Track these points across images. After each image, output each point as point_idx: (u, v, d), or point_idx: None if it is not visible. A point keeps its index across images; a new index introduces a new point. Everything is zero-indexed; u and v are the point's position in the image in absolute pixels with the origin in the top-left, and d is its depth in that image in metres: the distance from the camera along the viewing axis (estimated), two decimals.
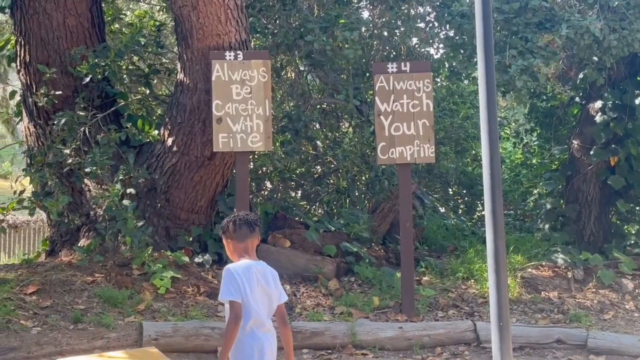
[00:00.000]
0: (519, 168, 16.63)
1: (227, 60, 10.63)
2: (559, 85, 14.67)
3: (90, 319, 9.95)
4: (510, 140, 17.78)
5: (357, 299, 10.98)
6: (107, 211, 11.44)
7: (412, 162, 10.90)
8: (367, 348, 9.80)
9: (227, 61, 10.61)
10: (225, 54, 10.76)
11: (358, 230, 12.40)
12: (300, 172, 13.94)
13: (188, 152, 11.81)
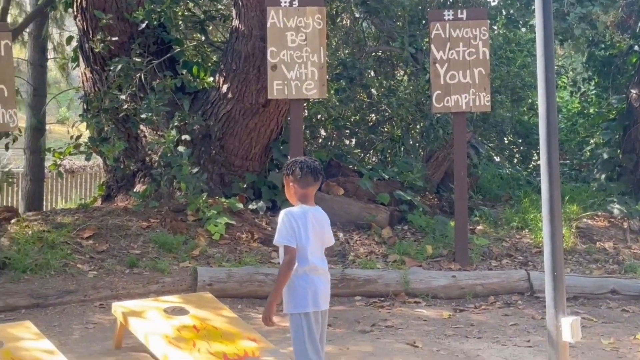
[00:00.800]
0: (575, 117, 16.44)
1: (282, 7, 10.56)
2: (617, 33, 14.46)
3: (145, 263, 10.05)
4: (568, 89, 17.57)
5: (410, 247, 10.97)
6: (162, 157, 11.50)
7: (467, 110, 10.82)
8: (419, 296, 9.80)
9: (282, 8, 10.55)
10: (280, 0, 10.70)
11: (412, 178, 12.36)
12: (355, 120, 13.89)
13: (243, 99, 11.81)
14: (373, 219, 11.60)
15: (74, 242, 10.50)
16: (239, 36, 11.79)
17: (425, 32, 13.12)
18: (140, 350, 7.77)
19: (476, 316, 9.32)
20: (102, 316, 8.90)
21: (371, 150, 13.93)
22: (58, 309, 9.11)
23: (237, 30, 11.85)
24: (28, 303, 9.11)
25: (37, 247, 10.15)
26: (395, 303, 9.64)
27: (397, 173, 12.60)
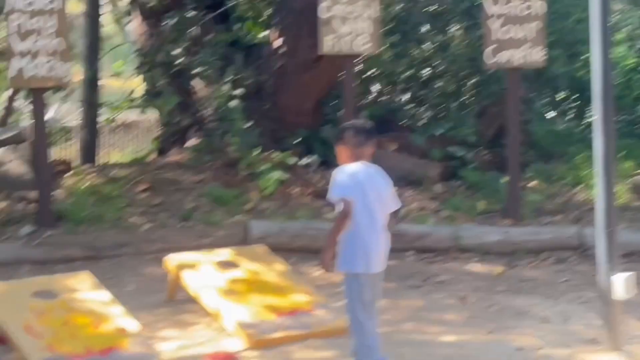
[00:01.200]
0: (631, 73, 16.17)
1: None
2: None
3: (198, 217, 10.11)
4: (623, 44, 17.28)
5: (462, 203, 10.93)
6: (215, 112, 11.53)
7: (521, 66, 10.70)
8: (471, 252, 9.78)
9: None
10: None
11: (464, 134, 12.29)
12: (408, 75, 13.79)
13: (296, 54, 11.79)
14: (425, 175, 11.56)
15: (128, 196, 10.60)
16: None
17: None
18: (192, 303, 7.84)
19: (528, 272, 9.29)
20: (156, 269, 8.99)
21: (424, 105, 13.83)
22: (112, 261, 9.22)
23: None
24: (84, 255, 9.23)
25: (92, 200, 10.26)
26: (446, 258, 9.63)
27: (449, 129, 12.52)
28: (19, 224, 9.69)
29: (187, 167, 11.45)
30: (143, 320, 7.44)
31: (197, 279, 7.70)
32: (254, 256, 8.24)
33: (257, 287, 7.65)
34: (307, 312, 7.40)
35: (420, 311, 7.91)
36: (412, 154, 11.90)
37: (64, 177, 11.18)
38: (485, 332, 7.35)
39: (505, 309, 8.06)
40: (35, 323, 6.61)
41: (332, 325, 7.23)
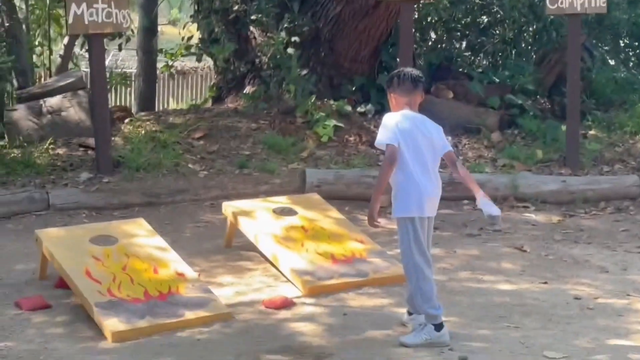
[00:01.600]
0: None
1: None
2: None
3: (254, 164, 10.14)
4: None
5: (520, 151, 10.85)
6: (271, 59, 11.53)
7: (582, 12, 10.52)
8: (528, 201, 9.73)
9: None
10: None
11: (523, 82, 12.16)
12: (466, 22, 13.65)
13: (353, 0, 11.70)
14: (482, 123, 11.49)
15: (185, 143, 10.65)
16: None
17: None
18: (249, 250, 7.90)
19: (586, 221, 9.23)
20: (213, 215, 9.06)
21: (482, 53, 13.69)
22: (170, 207, 9.30)
23: None
24: (141, 201, 9.32)
25: (150, 146, 10.33)
26: (503, 207, 9.56)
27: (508, 76, 12.40)
28: (78, 171, 9.79)
29: (243, 115, 11.48)
30: (200, 266, 7.53)
31: (253, 226, 7.74)
32: (310, 204, 8.26)
33: (313, 234, 7.67)
34: (363, 259, 7.42)
35: (476, 260, 7.90)
36: (469, 102, 11.82)
37: (122, 124, 11.26)
38: (542, 281, 7.33)
39: (563, 257, 8.02)
40: (94, 268, 6.69)
41: (388, 272, 7.25)
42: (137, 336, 6.08)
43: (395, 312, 6.53)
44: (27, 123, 10.61)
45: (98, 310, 6.25)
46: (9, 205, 8.89)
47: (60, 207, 9.05)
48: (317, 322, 6.38)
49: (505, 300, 6.83)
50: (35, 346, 5.97)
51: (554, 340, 5.93)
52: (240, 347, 5.88)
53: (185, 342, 6.00)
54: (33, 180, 9.52)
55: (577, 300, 6.84)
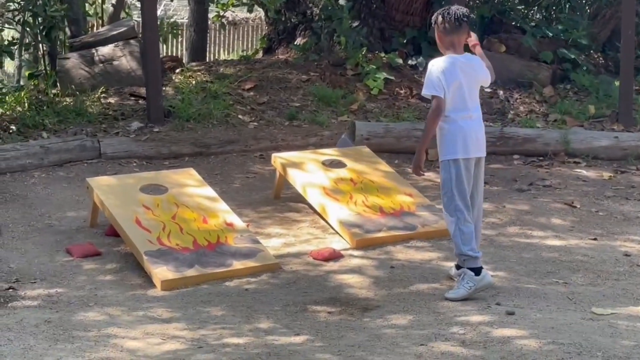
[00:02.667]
0: None
1: None
2: None
3: (304, 116, 10.14)
4: None
5: (572, 106, 10.75)
6: (323, 10, 11.48)
7: None
8: (579, 156, 9.65)
9: None
10: None
11: (577, 36, 12.00)
12: None
13: None
14: (535, 77, 11.37)
15: (236, 93, 10.67)
16: None
17: None
18: (297, 201, 7.93)
19: (638, 178, 9.14)
20: (262, 166, 9.08)
21: (535, 6, 13.50)
22: (220, 158, 9.33)
23: None
24: (191, 151, 9.36)
25: (200, 97, 10.36)
26: (554, 163, 9.52)
27: (561, 30, 12.24)
28: (129, 120, 9.84)
29: (293, 66, 11.46)
30: (249, 217, 7.57)
31: (302, 177, 7.75)
32: (359, 156, 8.25)
33: (362, 187, 7.68)
34: (411, 213, 7.41)
35: (526, 215, 7.86)
36: (522, 55, 11.69)
37: (173, 74, 11.29)
38: (592, 238, 7.29)
39: (613, 214, 7.96)
40: (144, 217, 6.76)
41: (436, 226, 7.24)
42: (185, 285, 6.15)
43: (442, 266, 6.54)
44: (79, 71, 10.66)
45: (148, 258, 6.31)
46: (60, 153, 8.97)
47: (111, 155, 9.11)
48: (364, 274, 6.40)
49: (553, 255, 6.81)
50: (86, 292, 6.05)
51: (602, 297, 5.90)
52: (287, 297, 5.92)
53: (233, 292, 6.05)
54: (85, 128, 9.59)
55: (626, 257, 6.81)
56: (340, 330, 5.26)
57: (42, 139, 9.24)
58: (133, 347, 4.93)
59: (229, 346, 4.93)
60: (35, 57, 12.26)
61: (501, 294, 5.91)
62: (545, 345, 4.86)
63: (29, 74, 11.58)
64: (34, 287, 6.16)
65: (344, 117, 10.19)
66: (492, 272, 6.33)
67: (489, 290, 5.94)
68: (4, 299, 5.91)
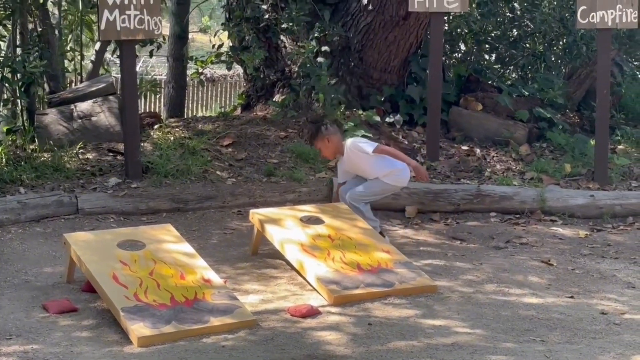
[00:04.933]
0: None
1: None
2: None
3: (282, 172, 10.16)
4: None
5: (548, 165, 10.82)
6: (301, 68, 11.54)
7: (613, 27, 10.48)
8: (556, 215, 9.70)
9: None
10: None
11: (552, 95, 12.13)
12: (496, 34, 13.66)
13: (383, 11, 11.72)
14: (511, 136, 11.46)
15: (214, 150, 10.69)
16: None
17: None
18: (275, 257, 7.92)
19: (614, 236, 9.18)
20: (240, 222, 9.07)
21: (511, 65, 13.69)
22: (197, 214, 9.32)
23: None
24: (169, 207, 9.35)
25: (179, 153, 10.36)
26: (530, 221, 9.56)
27: (537, 90, 12.38)
28: (107, 175, 9.83)
29: (272, 123, 11.51)
30: (226, 273, 7.55)
31: (280, 233, 7.75)
32: (337, 213, 8.27)
33: (339, 243, 7.68)
34: (389, 269, 7.41)
35: (503, 272, 7.87)
36: (498, 114, 11.79)
37: (151, 130, 11.31)
38: (568, 296, 7.30)
39: (589, 272, 7.99)
40: (121, 272, 6.73)
41: (414, 283, 7.25)
42: (162, 341, 6.10)
43: (420, 323, 6.53)
44: (58, 127, 10.66)
45: (124, 314, 6.27)
46: (38, 209, 8.94)
47: (89, 211, 9.09)
48: (341, 331, 6.38)
49: (530, 313, 6.81)
50: (62, 349, 6.00)
51: (579, 355, 5.90)
52: (265, 354, 5.89)
53: (211, 349, 6.01)
54: (62, 184, 9.57)
55: (603, 315, 6.81)
56: None
57: (19, 195, 9.20)
58: None
59: None
60: (13, 113, 12.26)
61: (478, 352, 5.91)
62: None
63: (7, 129, 11.56)
64: (10, 343, 6.10)
65: (321, 173, 10.22)
66: (470, 330, 6.34)
67: (467, 348, 5.94)
68: None
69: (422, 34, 11.95)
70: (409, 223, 9.36)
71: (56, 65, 11.89)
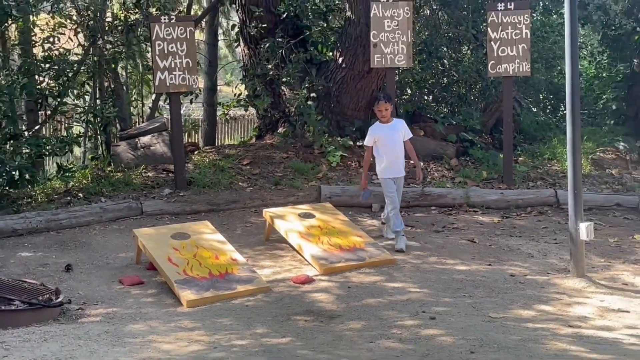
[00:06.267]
0: (592, 80, 15.77)
1: (381, 1, 10.36)
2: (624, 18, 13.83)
3: (285, 182, 10.15)
4: (587, 59, 16.89)
5: (471, 172, 10.82)
6: (297, 109, 11.52)
7: (514, 74, 10.52)
8: (477, 207, 9.70)
9: (382, 2, 10.35)
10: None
11: (472, 124, 12.13)
12: (432, 82, 13.63)
13: (353, 67, 11.70)
14: (444, 152, 11.45)
15: (237, 167, 10.66)
16: (351, 23, 11.64)
17: (483, 19, 12.74)
18: (282, 242, 7.91)
19: (517, 221, 9.19)
20: (256, 218, 9.06)
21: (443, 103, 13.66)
22: (226, 213, 9.31)
23: (349, 19, 11.71)
24: (206, 209, 9.32)
25: (212, 170, 10.34)
26: (459, 212, 9.56)
27: (462, 120, 12.35)
28: (162, 188, 9.80)
29: (277, 148, 11.48)
30: (248, 254, 7.54)
31: (285, 225, 7.74)
32: (324, 210, 8.26)
33: (327, 231, 7.67)
34: (361, 249, 7.41)
35: (441, 248, 7.88)
36: (435, 137, 11.78)
37: (193, 155, 11.28)
38: (487, 264, 7.31)
39: (502, 247, 8.00)
40: (173, 256, 6.71)
41: (380, 258, 7.25)
42: (204, 303, 6.10)
43: (384, 286, 6.52)
44: (127, 155, 10.64)
45: (177, 285, 6.26)
46: (114, 212, 8.92)
47: (150, 213, 9.06)
48: (329, 293, 6.38)
49: (461, 277, 6.82)
50: (133, 310, 5.99)
51: (496, 305, 5.91)
52: (276, 310, 5.88)
53: (238, 307, 6.01)
54: (131, 194, 9.54)
55: (512, 277, 6.83)
56: (314, 333, 5.23)
57: (100, 202, 9.18)
58: (167, 349, 4.88)
59: (235, 346, 4.89)
60: (95, 145, 12.22)
61: (426, 305, 5.90)
62: (457, 341, 4.85)
63: (92, 157, 11.53)
64: (96, 307, 6.09)
65: (313, 182, 10.20)
66: (419, 289, 6.33)
67: (418, 302, 5.93)
68: (75, 317, 5.84)
69: (381, 82, 11.93)
70: (375, 215, 9.35)
71: (125, 111, 11.89)
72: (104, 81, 11.90)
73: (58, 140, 9.51)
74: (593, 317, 5.59)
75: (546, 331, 5.12)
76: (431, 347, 4.72)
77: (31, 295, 5.86)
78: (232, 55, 20.90)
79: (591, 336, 5.05)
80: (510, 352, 4.60)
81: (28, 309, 5.66)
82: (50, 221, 8.45)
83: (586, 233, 6.58)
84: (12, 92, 9.02)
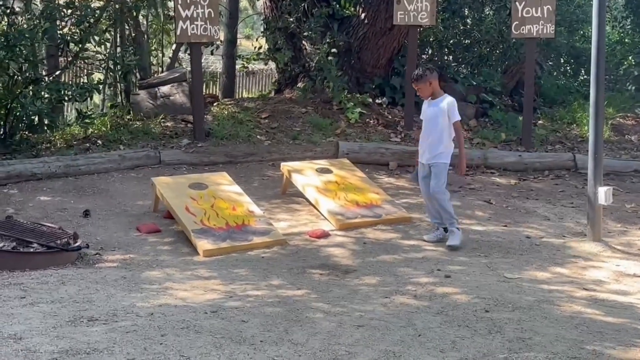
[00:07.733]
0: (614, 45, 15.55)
1: None
2: None
3: (303, 137, 10.10)
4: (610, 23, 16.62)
5: (489, 134, 10.73)
6: (317, 64, 11.42)
7: (537, 37, 10.34)
8: (494, 169, 9.63)
9: None
10: None
11: (493, 85, 12.00)
12: (453, 42, 13.45)
13: (375, 24, 11.56)
14: (464, 114, 11.32)
15: (255, 120, 10.61)
16: None
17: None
18: (298, 196, 7.89)
19: (534, 184, 9.13)
20: (273, 172, 9.04)
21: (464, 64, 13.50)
22: (244, 165, 9.28)
23: None
24: (224, 160, 9.30)
25: (231, 123, 10.30)
26: (476, 173, 9.50)
27: (482, 81, 12.23)
28: (180, 138, 9.78)
29: (296, 102, 11.41)
30: (264, 207, 7.52)
31: (302, 179, 7.71)
32: (342, 166, 8.22)
33: (343, 187, 7.64)
34: (378, 205, 7.38)
35: (458, 209, 7.81)
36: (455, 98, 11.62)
37: (212, 106, 11.23)
38: (503, 225, 7.26)
39: (518, 209, 7.94)
40: (191, 205, 6.70)
41: (395, 215, 7.22)
42: (220, 253, 6.10)
43: (400, 243, 6.50)
44: (146, 104, 10.60)
45: (194, 234, 6.26)
46: (132, 160, 8.91)
47: (168, 162, 9.05)
48: (345, 248, 6.37)
49: (477, 237, 6.78)
50: (150, 258, 6.00)
51: (511, 266, 5.88)
52: (291, 263, 5.88)
53: (254, 259, 6.00)
54: (149, 143, 9.53)
55: (528, 239, 6.79)
56: (329, 286, 5.22)
57: (119, 150, 9.17)
58: (184, 296, 4.88)
59: (251, 297, 4.89)
60: (115, 93, 12.18)
61: (441, 263, 5.88)
62: (472, 299, 4.83)
63: (111, 105, 11.50)
64: (114, 253, 6.11)
65: (331, 138, 10.15)
66: (434, 248, 6.30)
67: (433, 260, 5.91)
68: (92, 262, 5.86)
69: (402, 40, 11.79)
70: (392, 173, 9.30)
71: (145, 60, 11.81)
72: (125, 29, 11.80)
73: (78, 86, 9.45)
74: (608, 281, 5.54)
75: (561, 293, 5.09)
76: (446, 305, 4.70)
77: (49, 239, 5.87)
78: (253, 9, 20.68)
79: (606, 300, 5.01)
80: (525, 312, 4.57)
81: (46, 251, 5.67)
82: (69, 167, 8.45)
83: (605, 197, 6.51)
84: (34, 36, 8.95)
